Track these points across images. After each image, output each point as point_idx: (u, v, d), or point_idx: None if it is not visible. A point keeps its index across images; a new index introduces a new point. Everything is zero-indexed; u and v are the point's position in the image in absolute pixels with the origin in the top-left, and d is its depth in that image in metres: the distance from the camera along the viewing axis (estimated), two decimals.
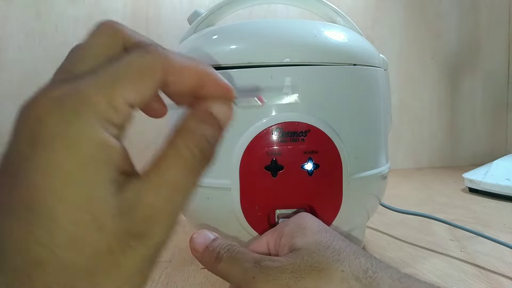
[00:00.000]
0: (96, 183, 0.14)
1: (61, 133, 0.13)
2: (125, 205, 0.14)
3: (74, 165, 0.13)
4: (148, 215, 0.15)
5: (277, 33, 0.35)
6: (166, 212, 0.16)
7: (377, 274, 0.23)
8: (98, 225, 0.14)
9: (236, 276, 0.25)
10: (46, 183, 0.13)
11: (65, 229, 0.13)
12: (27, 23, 0.80)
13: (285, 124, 0.33)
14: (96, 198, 0.14)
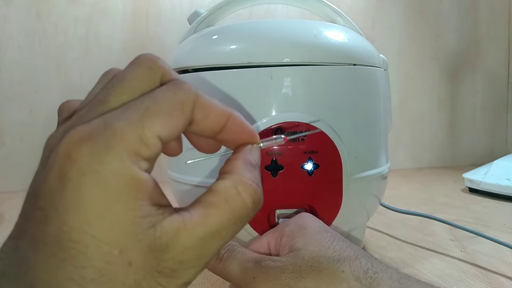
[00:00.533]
0: (126, 219, 0.14)
1: (91, 170, 0.13)
2: (158, 242, 0.14)
3: (104, 202, 0.14)
4: (182, 258, 0.15)
5: (277, 33, 0.35)
6: (201, 257, 0.15)
7: (377, 274, 0.23)
8: (127, 261, 0.14)
9: (236, 276, 0.25)
10: (76, 221, 0.13)
11: (95, 265, 0.13)
12: (27, 23, 0.80)
13: (285, 124, 0.33)
14: (125, 234, 0.14)
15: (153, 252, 0.14)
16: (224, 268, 0.26)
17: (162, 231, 0.14)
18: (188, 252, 0.15)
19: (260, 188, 0.17)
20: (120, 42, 0.85)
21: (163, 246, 0.14)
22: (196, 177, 0.36)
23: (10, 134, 0.80)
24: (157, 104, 0.15)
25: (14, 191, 0.75)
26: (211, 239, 0.15)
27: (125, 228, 0.14)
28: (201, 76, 0.36)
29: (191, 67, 0.37)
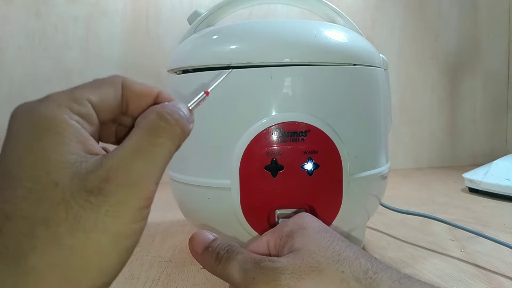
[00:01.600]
0: (52, 149, 0.16)
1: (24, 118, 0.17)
2: (84, 168, 0.17)
3: (33, 137, 0.17)
4: (105, 176, 0.17)
5: (277, 33, 0.35)
6: (124, 172, 0.17)
7: (377, 274, 0.23)
8: (53, 182, 0.16)
9: (236, 277, 0.25)
10: (10, 153, 0.17)
11: (25, 185, 0.16)
12: (27, 23, 0.80)
13: (285, 124, 0.33)
14: (51, 161, 0.16)
15: (78, 175, 0.16)
16: (224, 269, 0.26)
17: (88, 164, 0.17)
18: (111, 171, 0.17)
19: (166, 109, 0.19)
20: (120, 42, 0.85)
21: (88, 171, 0.17)
22: (196, 177, 0.36)
23: None
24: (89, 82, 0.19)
25: None
26: (131, 158, 0.17)
27: (51, 156, 0.16)
28: (201, 76, 0.36)
29: (191, 67, 0.37)
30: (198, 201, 0.37)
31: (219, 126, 0.34)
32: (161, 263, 0.41)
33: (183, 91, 0.38)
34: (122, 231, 0.17)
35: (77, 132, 0.17)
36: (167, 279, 0.37)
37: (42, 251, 0.15)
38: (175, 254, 0.44)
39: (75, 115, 0.18)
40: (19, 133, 0.17)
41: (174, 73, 0.40)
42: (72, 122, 0.17)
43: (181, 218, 0.43)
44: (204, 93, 0.24)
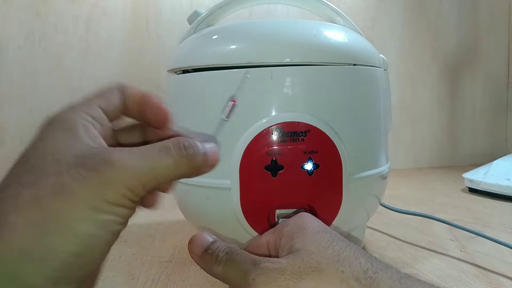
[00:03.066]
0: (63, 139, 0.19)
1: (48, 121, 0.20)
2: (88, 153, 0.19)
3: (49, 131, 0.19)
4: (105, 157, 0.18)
5: (277, 33, 0.35)
6: (120, 160, 0.18)
7: (377, 274, 0.23)
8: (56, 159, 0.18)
9: (235, 279, 0.25)
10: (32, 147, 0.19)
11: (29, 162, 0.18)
12: (27, 23, 0.80)
13: (285, 124, 0.33)
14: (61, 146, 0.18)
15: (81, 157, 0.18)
16: (223, 271, 0.26)
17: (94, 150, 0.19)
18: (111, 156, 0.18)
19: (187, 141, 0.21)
20: (120, 42, 0.85)
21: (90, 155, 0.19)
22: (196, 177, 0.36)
23: (10, 134, 0.80)
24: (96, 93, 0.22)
25: None
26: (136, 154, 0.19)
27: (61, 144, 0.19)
28: (201, 76, 0.36)
29: (191, 67, 0.37)
30: (198, 201, 0.37)
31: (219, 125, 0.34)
32: (161, 263, 0.41)
33: (183, 91, 0.38)
34: (103, 208, 0.18)
35: (87, 130, 0.20)
36: (167, 279, 0.37)
37: (23, 209, 0.17)
38: (175, 254, 0.44)
39: (88, 116, 0.20)
40: (42, 133, 0.19)
41: (174, 73, 0.40)
42: (84, 122, 0.20)
43: (181, 218, 0.43)
44: (233, 102, 0.27)
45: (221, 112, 0.27)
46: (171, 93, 0.40)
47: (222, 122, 0.25)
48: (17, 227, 0.17)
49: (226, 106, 0.26)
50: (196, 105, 0.36)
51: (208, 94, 0.35)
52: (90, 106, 0.21)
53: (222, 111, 0.26)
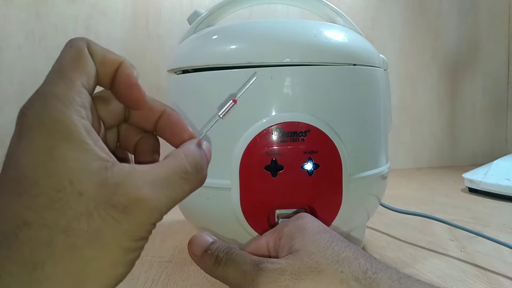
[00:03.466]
0: (73, 157, 0.16)
1: (37, 123, 0.16)
2: (110, 181, 0.16)
3: (51, 143, 0.16)
4: (134, 195, 0.17)
5: (277, 33, 0.35)
6: (151, 198, 0.17)
7: (376, 274, 0.23)
8: (77, 191, 0.16)
9: (235, 279, 0.25)
10: (29, 161, 0.16)
11: (47, 193, 0.15)
12: (27, 23, 0.80)
13: (285, 124, 0.33)
14: (74, 169, 0.16)
15: (104, 187, 0.16)
16: (223, 271, 0.26)
17: (114, 172, 0.17)
18: (139, 192, 0.17)
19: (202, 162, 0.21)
20: (120, 42, 0.85)
21: (115, 183, 0.16)
22: None
23: (10, 134, 0.79)
24: (61, 62, 0.18)
25: None
26: (160, 186, 0.18)
27: (73, 164, 0.16)
28: (201, 76, 0.36)
29: (191, 67, 0.37)
30: (198, 201, 0.37)
31: (219, 125, 0.34)
32: (161, 263, 0.41)
33: (183, 91, 0.38)
34: (133, 247, 0.17)
35: (89, 132, 0.17)
36: (167, 279, 0.37)
37: (59, 260, 0.15)
38: (175, 254, 0.44)
39: (81, 108, 0.17)
40: (34, 136, 0.16)
41: (174, 73, 0.40)
42: (83, 122, 0.17)
43: (181, 218, 0.43)
44: (233, 102, 0.25)
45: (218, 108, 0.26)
46: (171, 93, 0.40)
47: (215, 119, 0.24)
48: (55, 279, 0.15)
49: (225, 105, 0.25)
50: (196, 105, 0.36)
51: (208, 94, 0.35)
52: (75, 89, 0.17)
53: (219, 108, 0.25)
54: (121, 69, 0.20)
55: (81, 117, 0.17)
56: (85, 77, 0.18)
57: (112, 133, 0.23)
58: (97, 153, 0.17)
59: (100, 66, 0.19)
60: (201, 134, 0.23)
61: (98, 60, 0.19)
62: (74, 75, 0.18)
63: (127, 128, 0.23)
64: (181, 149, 0.20)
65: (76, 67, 0.18)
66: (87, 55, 0.19)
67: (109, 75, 0.20)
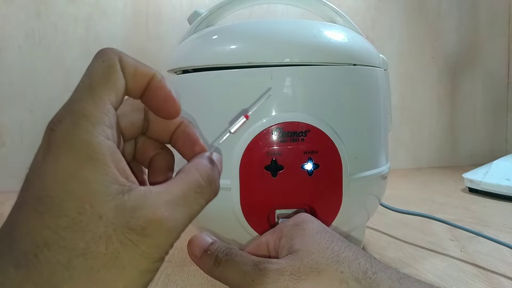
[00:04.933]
0: (95, 180, 0.16)
1: (64, 143, 0.16)
2: (127, 204, 0.16)
3: (76, 164, 0.16)
4: (151, 217, 0.17)
5: (277, 33, 0.35)
6: (169, 219, 0.17)
7: (376, 275, 0.23)
8: (97, 214, 0.16)
9: (235, 280, 0.25)
10: (53, 181, 0.16)
11: (69, 215, 0.16)
12: (27, 23, 0.80)
13: (285, 124, 0.33)
14: (95, 192, 0.16)
15: (122, 210, 0.16)
16: (223, 272, 0.26)
17: (130, 196, 0.17)
18: (156, 213, 0.17)
19: (214, 174, 0.20)
20: (120, 42, 0.85)
21: (132, 207, 0.16)
22: None
23: (10, 134, 0.79)
24: (91, 77, 0.18)
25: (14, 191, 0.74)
26: (177, 204, 0.18)
27: (95, 187, 0.16)
28: (201, 76, 0.36)
29: (191, 67, 0.37)
30: None
31: (219, 126, 0.34)
32: None
33: (183, 91, 0.38)
34: (149, 268, 0.17)
35: (113, 153, 0.17)
36: (167, 279, 0.37)
37: (77, 282, 0.15)
38: (175, 254, 0.44)
39: (107, 128, 0.17)
40: (60, 156, 0.16)
41: (174, 73, 0.40)
42: (109, 143, 0.17)
43: None
44: (244, 117, 0.25)
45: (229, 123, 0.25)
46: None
47: (226, 134, 0.24)
48: None
49: (237, 120, 0.24)
50: (196, 105, 0.36)
51: (208, 94, 0.35)
52: (104, 108, 0.17)
53: (230, 123, 0.25)
54: (154, 82, 0.20)
55: (106, 138, 0.17)
56: (114, 94, 0.18)
57: (130, 145, 0.23)
58: (117, 176, 0.17)
59: (131, 79, 0.19)
60: (212, 148, 0.23)
61: (129, 74, 0.19)
62: (104, 92, 0.18)
63: (144, 141, 0.23)
64: (192, 163, 0.20)
65: (106, 84, 0.18)
66: (119, 71, 0.18)
67: (140, 88, 0.20)
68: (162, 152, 0.23)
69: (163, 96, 0.20)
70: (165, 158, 0.23)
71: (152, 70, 0.20)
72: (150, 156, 0.23)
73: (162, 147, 0.23)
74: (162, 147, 0.23)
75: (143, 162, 0.24)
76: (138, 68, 0.19)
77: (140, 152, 0.23)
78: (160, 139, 0.23)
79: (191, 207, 0.19)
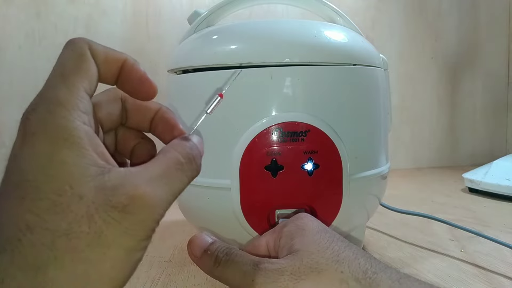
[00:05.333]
0: (73, 162, 0.16)
1: (39, 129, 0.16)
2: (108, 184, 0.17)
3: (53, 149, 0.16)
4: (132, 194, 0.17)
5: (277, 33, 0.35)
6: (150, 195, 0.17)
7: (376, 274, 0.23)
8: (78, 195, 0.16)
9: (235, 279, 0.25)
10: (31, 165, 0.16)
11: (49, 197, 0.16)
12: (27, 23, 0.80)
13: (285, 124, 0.33)
14: (74, 174, 0.16)
15: (103, 190, 0.16)
16: (223, 272, 0.26)
17: (110, 176, 0.17)
18: (138, 190, 0.17)
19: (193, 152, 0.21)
20: (120, 42, 0.85)
21: (113, 186, 0.17)
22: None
23: (10, 134, 0.79)
24: (62, 65, 0.18)
25: None
26: (158, 181, 0.18)
27: (73, 169, 0.16)
28: (201, 76, 0.36)
29: (191, 67, 0.37)
30: (198, 201, 0.37)
31: (219, 126, 0.34)
32: (161, 263, 0.41)
33: (183, 91, 0.38)
34: (135, 247, 0.17)
35: (90, 138, 0.17)
36: (167, 279, 0.37)
37: (62, 263, 0.16)
38: (175, 254, 0.44)
39: (83, 114, 0.17)
40: (37, 142, 0.16)
41: (174, 73, 0.40)
42: (85, 128, 0.17)
43: (181, 218, 0.43)
44: (219, 96, 0.25)
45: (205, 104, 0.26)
46: (171, 93, 0.40)
47: (203, 114, 0.24)
48: (58, 282, 0.15)
49: (211, 100, 0.25)
50: (196, 105, 0.36)
51: (208, 94, 0.35)
52: (78, 94, 0.17)
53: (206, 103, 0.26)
54: (127, 66, 0.20)
55: (83, 123, 0.17)
56: (87, 81, 0.18)
57: (110, 137, 0.23)
58: (95, 158, 0.17)
59: (103, 65, 0.19)
60: (191, 130, 0.23)
61: (100, 60, 0.19)
62: (77, 79, 0.18)
63: (124, 132, 0.23)
64: (170, 144, 0.21)
65: (78, 71, 0.18)
66: (89, 58, 0.19)
67: (113, 73, 0.20)
68: (143, 142, 0.24)
69: (138, 78, 0.20)
70: (146, 147, 0.23)
71: (123, 54, 0.20)
72: (131, 146, 0.23)
73: (142, 136, 0.24)
74: (142, 137, 0.24)
75: (125, 153, 0.24)
76: (108, 54, 0.19)
77: (121, 143, 0.23)
78: (140, 127, 0.23)
79: (172, 184, 0.19)
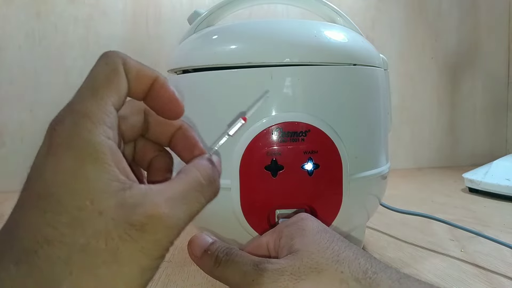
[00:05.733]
0: (95, 178, 0.16)
1: (65, 142, 0.17)
2: (128, 200, 0.17)
3: (77, 163, 0.16)
4: (152, 213, 0.17)
5: (277, 33, 0.35)
6: (169, 215, 0.17)
7: (376, 274, 0.23)
8: (97, 210, 0.16)
9: (235, 280, 0.25)
10: (54, 179, 0.16)
11: (69, 212, 0.16)
12: (27, 23, 0.80)
13: (285, 124, 0.33)
14: (95, 189, 0.16)
15: (123, 207, 0.16)
16: (223, 272, 0.26)
17: (131, 193, 0.17)
18: (157, 209, 0.17)
19: (214, 174, 0.21)
20: (120, 42, 0.85)
21: (133, 204, 0.17)
22: None
23: (10, 134, 0.79)
24: (94, 79, 0.18)
25: (14, 191, 0.74)
26: (177, 202, 0.18)
27: (95, 184, 0.16)
28: (201, 76, 0.36)
29: (191, 67, 0.37)
30: None
31: (219, 126, 0.34)
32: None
33: (183, 91, 0.38)
34: (150, 265, 0.17)
35: (113, 153, 0.17)
36: (167, 279, 0.37)
37: (77, 278, 0.16)
38: (175, 254, 0.44)
39: (108, 129, 0.17)
40: (61, 155, 0.16)
41: (174, 73, 0.40)
42: (109, 143, 0.17)
43: None
44: (242, 120, 0.25)
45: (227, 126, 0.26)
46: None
47: (225, 136, 0.24)
48: None
49: (234, 122, 0.25)
50: (196, 105, 0.36)
51: (208, 94, 0.35)
52: (106, 109, 0.18)
53: (228, 125, 0.26)
54: (157, 84, 0.20)
55: (107, 138, 0.17)
56: (117, 96, 0.18)
57: (129, 147, 0.23)
58: (117, 174, 0.17)
59: (134, 81, 0.19)
60: (211, 150, 0.23)
61: (132, 76, 0.19)
62: (106, 93, 0.18)
63: (144, 143, 0.23)
64: (192, 164, 0.21)
65: (108, 85, 0.18)
66: (121, 72, 0.19)
67: (143, 90, 0.20)
68: (161, 154, 0.24)
69: (167, 97, 0.20)
70: (164, 160, 0.23)
71: (155, 72, 0.20)
72: (149, 158, 0.23)
73: (161, 149, 0.24)
74: (161, 150, 0.24)
75: (142, 164, 0.24)
76: (141, 70, 0.19)
77: (139, 154, 0.23)
78: (159, 141, 0.23)
79: (191, 205, 0.19)
